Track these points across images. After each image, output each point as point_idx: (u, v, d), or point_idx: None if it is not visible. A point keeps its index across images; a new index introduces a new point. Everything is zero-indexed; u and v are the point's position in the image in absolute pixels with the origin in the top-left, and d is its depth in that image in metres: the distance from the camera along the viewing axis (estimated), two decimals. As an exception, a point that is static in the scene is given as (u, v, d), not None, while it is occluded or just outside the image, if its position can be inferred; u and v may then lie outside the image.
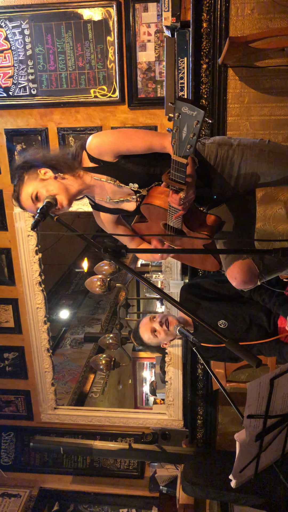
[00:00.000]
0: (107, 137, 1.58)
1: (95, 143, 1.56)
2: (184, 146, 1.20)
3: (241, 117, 2.78)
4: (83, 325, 6.38)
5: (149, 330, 2.26)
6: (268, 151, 1.65)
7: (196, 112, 1.09)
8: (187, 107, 1.08)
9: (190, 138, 1.17)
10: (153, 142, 1.56)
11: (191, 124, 1.12)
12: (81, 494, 3.82)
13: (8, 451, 3.97)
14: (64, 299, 6.72)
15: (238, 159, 1.64)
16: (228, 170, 1.66)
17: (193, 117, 1.10)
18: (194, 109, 1.08)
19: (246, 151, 1.64)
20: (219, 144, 1.66)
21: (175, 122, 1.14)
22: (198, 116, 1.09)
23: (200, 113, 1.08)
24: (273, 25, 2.58)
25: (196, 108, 1.08)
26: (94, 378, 5.51)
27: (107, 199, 1.68)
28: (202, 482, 2.86)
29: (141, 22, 2.77)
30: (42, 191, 1.58)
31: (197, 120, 1.10)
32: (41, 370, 3.73)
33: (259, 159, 1.64)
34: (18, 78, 2.97)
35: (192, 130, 1.14)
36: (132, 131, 1.69)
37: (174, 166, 1.30)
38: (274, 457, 1.47)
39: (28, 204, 1.61)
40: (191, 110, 1.09)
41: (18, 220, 3.30)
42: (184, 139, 1.18)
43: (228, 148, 1.65)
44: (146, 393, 8.54)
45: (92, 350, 5.71)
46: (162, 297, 1.19)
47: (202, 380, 3.38)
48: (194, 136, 1.15)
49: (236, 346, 1.04)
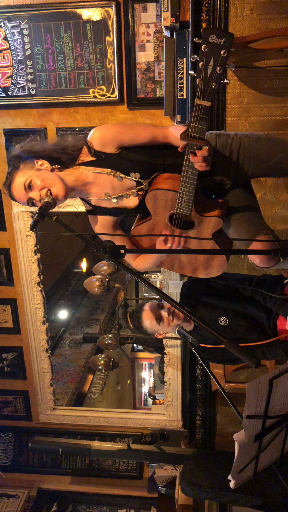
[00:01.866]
0: (110, 128, 1.59)
1: (98, 134, 1.57)
2: (209, 84, 1.17)
3: (240, 118, 2.78)
4: (82, 325, 6.37)
5: (153, 316, 2.23)
6: (265, 138, 1.69)
7: (224, 39, 1.06)
8: (215, 35, 1.06)
9: (216, 73, 1.13)
10: (155, 131, 1.58)
11: (219, 54, 1.09)
12: (80, 495, 3.81)
13: (7, 451, 3.97)
14: (63, 299, 6.71)
15: (237, 146, 1.66)
16: (228, 158, 1.67)
17: (221, 45, 1.07)
18: (222, 35, 1.06)
19: (244, 139, 1.67)
20: (218, 134, 1.69)
21: (201, 55, 1.10)
22: (226, 42, 1.07)
23: (228, 38, 1.06)
24: (272, 25, 2.58)
25: (224, 34, 1.06)
26: (93, 378, 5.51)
27: (106, 196, 1.65)
28: (201, 482, 2.85)
29: (140, 22, 2.77)
30: (37, 180, 1.54)
31: (225, 48, 1.08)
32: (39, 370, 3.73)
33: (257, 145, 1.67)
34: (17, 78, 2.97)
35: (219, 62, 1.10)
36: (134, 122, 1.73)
37: (196, 114, 1.26)
38: (273, 457, 1.47)
39: (20, 192, 1.57)
40: (219, 38, 1.06)
41: (17, 220, 3.30)
42: (210, 75, 1.14)
43: (226, 137, 1.68)
44: (145, 394, 8.53)
45: (91, 350, 5.70)
46: (161, 297, 1.19)
47: (201, 380, 3.38)
48: (220, 69, 1.12)
49: (235, 347, 1.04)
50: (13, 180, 1.58)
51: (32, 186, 1.55)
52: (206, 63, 1.12)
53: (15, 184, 1.57)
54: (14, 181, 1.58)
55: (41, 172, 1.56)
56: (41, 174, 1.56)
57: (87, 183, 1.63)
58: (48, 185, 1.54)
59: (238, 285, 2.19)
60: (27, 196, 1.57)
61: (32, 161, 1.58)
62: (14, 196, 1.60)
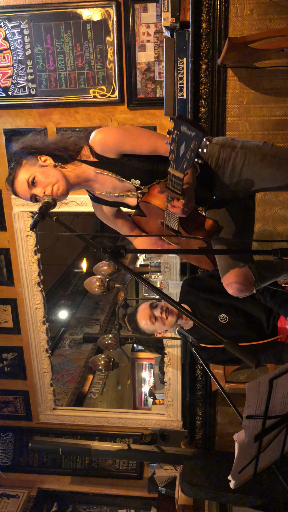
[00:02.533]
0: (111, 134, 1.55)
1: (99, 139, 1.54)
2: (181, 162, 1.19)
3: (240, 118, 2.78)
4: (82, 325, 6.37)
5: (147, 316, 2.23)
6: (271, 155, 1.62)
7: (194, 133, 1.08)
8: (186, 127, 1.08)
9: (187, 157, 1.16)
10: (157, 144, 1.54)
11: (189, 143, 1.11)
12: (80, 495, 3.81)
13: (7, 451, 3.97)
14: (63, 299, 6.71)
15: (240, 163, 1.62)
16: (229, 173, 1.64)
17: (191, 137, 1.09)
18: (192, 129, 1.07)
19: (249, 154, 1.62)
20: (222, 146, 1.64)
21: (173, 138, 1.13)
22: (196, 137, 1.08)
23: (198, 134, 1.07)
24: (272, 25, 2.58)
25: (194, 129, 1.07)
26: (93, 378, 5.51)
27: (107, 193, 1.66)
28: (201, 482, 2.86)
29: (141, 23, 2.77)
30: (40, 177, 1.54)
31: (194, 141, 1.10)
32: (39, 370, 3.73)
33: (262, 164, 1.62)
34: (17, 78, 2.97)
35: (189, 149, 1.13)
36: (138, 130, 1.63)
37: (171, 178, 1.30)
38: (273, 457, 1.47)
39: (23, 188, 1.56)
40: (190, 131, 1.08)
41: (17, 220, 3.30)
42: (182, 156, 1.17)
43: (231, 151, 1.63)
44: (145, 394, 8.53)
45: (91, 350, 5.70)
46: (161, 297, 1.19)
47: (201, 380, 3.38)
48: (191, 155, 1.15)
49: (235, 347, 1.04)
50: (16, 176, 1.57)
51: (36, 182, 1.55)
52: (178, 146, 1.15)
53: (18, 180, 1.57)
54: (17, 177, 1.57)
55: (45, 168, 1.56)
56: (45, 171, 1.56)
57: (89, 180, 1.64)
58: (52, 182, 1.54)
59: None
60: (31, 193, 1.57)
61: (35, 157, 1.57)
62: (17, 192, 1.60)
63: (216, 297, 2.24)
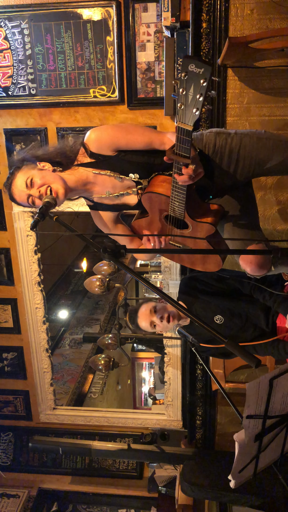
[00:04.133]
0: (106, 131, 1.58)
1: (94, 137, 1.56)
2: (190, 110, 1.18)
3: (240, 118, 2.78)
4: (82, 325, 6.37)
5: (148, 321, 2.24)
6: (266, 138, 1.67)
7: (203, 69, 1.07)
8: (194, 64, 1.06)
9: (196, 100, 1.14)
10: (152, 137, 1.56)
11: (198, 83, 1.10)
12: (80, 495, 3.82)
13: (7, 451, 3.97)
14: (63, 299, 6.71)
15: (237, 146, 1.65)
16: (227, 158, 1.66)
17: (200, 74, 1.08)
18: (200, 65, 1.06)
19: (244, 138, 1.66)
20: (217, 133, 1.67)
21: (182, 82, 1.11)
22: (205, 72, 1.07)
23: (207, 69, 1.06)
24: (273, 25, 2.58)
25: (203, 64, 1.06)
26: (93, 378, 5.51)
27: (107, 194, 1.66)
28: (201, 482, 2.86)
29: (141, 22, 2.77)
30: (37, 178, 1.56)
31: (204, 78, 1.08)
32: (40, 370, 3.73)
33: (258, 145, 1.65)
34: (17, 77, 2.97)
35: (199, 90, 1.11)
36: (131, 126, 1.65)
37: (179, 135, 1.27)
38: (273, 457, 1.47)
39: (20, 189, 1.58)
40: (198, 67, 1.07)
41: (17, 220, 3.30)
42: (191, 102, 1.15)
43: (227, 136, 1.66)
44: (145, 394, 8.54)
45: (91, 350, 5.70)
46: (161, 297, 1.19)
47: (201, 380, 3.38)
48: (200, 97, 1.13)
49: (236, 347, 1.04)
50: (14, 179, 1.60)
51: (33, 183, 1.57)
52: (186, 90, 1.13)
53: (16, 182, 1.59)
54: (15, 180, 1.59)
55: (43, 171, 1.59)
56: (42, 173, 1.58)
57: (88, 183, 1.65)
58: (48, 182, 1.56)
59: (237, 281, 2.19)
60: (27, 193, 1.58)
61: (34, 162, 1.60)
62: (13, 194, 1.62)
63: (212, 299, 2.24)
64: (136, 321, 2.29)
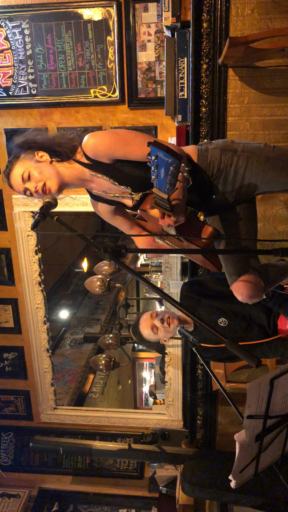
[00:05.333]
0: (103, 140, 1.53)
1: (91, 144, 1.54)
2: (163, 184, 1.19)
3: (241, 117, 2.77)
4: (83, 325, 6.37)
5: (149, 327, 2.25)
6: (274, 158, 1.60)
7: (171, 160, 1.08)
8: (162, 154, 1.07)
9: (168, 180, 1.15)
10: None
11: (167, 168, 1.11)
12: (81, 495, 3.82)
13: (8, 451, 3.97)
14: (64, 299, 6.71)
15: (243, 167, 1.60)
16: (232, 178, 1.62)
17: (169, 163, 1.09)
18: (168, 156, 1.07)
19: (252, 158, 1.60)
20: (223, 150, 1.62)
21: (153, 163, 1.13)
22: (172, 163, 1.08)
23: (174, 161, 1.07)
24: (273, 25, 2.58)
25: (170, 156, 1.07)
26: (94, 378, 5.51)
27: (103, 192, 1.67)
28: (201, 482, 2.86)
29: (141, 22, 2.77)
30: (35, 172, 1.57)
31: (172, 167, 1.09)
32: (40, 370, 3.73)
33: (265, 167, 1.60)
34: (18, 78, 2.97)
35: (169, 174, 1.13)
36: (131, 135, 1.56)
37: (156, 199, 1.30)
38: (274, 457, 1.47)
39: (17, 182, 1.60)
40: (165, 157, 1.08)
41: (18, 220, 3.30)
42: (163, 179, 1.17)
43: (233, 155, 1.60)
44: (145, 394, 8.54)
45: (92, 350, 5.71)
46: (161, 297, 1.19)
47: (201, 380, 3.38)
48: (171, 179, 1.14)
49: (236, 347, 1.04)
50: (12, 169, 1.61)
51: (30, 177, 1.58)
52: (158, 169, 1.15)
53: (13, 173, 1.61)
54: (13, 171, 1.61)
55: (40, 164, 1.59)
56: (39, 166, 1.58)
57: (85, 180, 1.65)
58: (45, 178, 1.58)
59: None
60: (24, 187, 1.60)
61: (32, 152, 1.60)
62: (12, 184, 1.64)
63: (215, 301, 2.24)
64: (139, 331, 2.30)
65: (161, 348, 3.49)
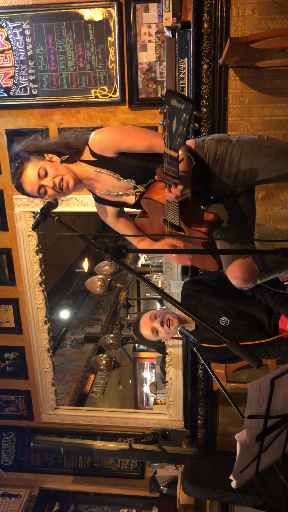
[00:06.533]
0: (108, 133, 1.62)
1: (97, 139, 1.61)
2: (174, 139, 1.21)
3: (241, 118, 2.78)
4: (84, 325, 6.38)
5: (149, 328, 2.25)
6: (267, 146, 1.68)
7: (184, 105, 1.10)
8: (175, 100, 1.10)
9: (179, 132, 1.17)
10: (153, 141, 1.59)
11: (180, 117, 1.13)
12: (82, 494, 3.82)
13: (9, 451, 3.97)
14: (65, 299, 6.71)
15: (238, 155, 1.66)
16: (228, 166, 1.68)
17: (181, 110, 1.11)
18: (181, 102, 1.09)
19: (245, 147, 1.67)
20: (218, 140, 1.69)
21: (165, 114, 1.15)
22: (185, 109, 1.10)
23: (188, 106, 1.09)
24: (274, 25, 2.58)
25: (183, 101, 1.09)
26: (95, 378, 5.51)
27: (108, 192, 1.72)
28: (202, 482, 2.86)
29: (142, 23, 2.77)
30: (50, 169, 1.61)
31: (185, 113, 1.11)
32: (41, 370, 3.73)
33: (258, 154, 1.66)
34: (19, 78, 2.97)
35: (180, 123, 1.15)
36: (134, 129, 1.71)
37: (166, 159, 1.31)
38: (275, 457, 1.47)
39: (32, 179, 1.61)
40: (179, 103, 1.10)
41: (19, 220, 3.31)
42: (174, 132, 1.19)
43: (228, 144, 1.67)
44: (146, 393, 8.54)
45: (93, 350, 5.71)
46: (162, 297, 1.19)
47: (202, 380, 3.38)
48: (183, 129, 1.16)
49: (237, 346, 1.04)
50: (25, 169, 1.62)
51: (47, 173, 1.61)
52: (170, 122, 1.17)
53: (27, 172, 1.62)
54: (26, 170, 1.62)
55: (53, 163, 1.63)
56: (54, 165, 1.63)
57: (90, 179, 1.70)
58: (61, 173, 1.61)
59: None
60: (39, 183, 1.62)
61: (41, 154, 1.64)
62: (24, 184, 1.64)
63: (216, 301, 2.23)
64: (139, 331, 2.30)
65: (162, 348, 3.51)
